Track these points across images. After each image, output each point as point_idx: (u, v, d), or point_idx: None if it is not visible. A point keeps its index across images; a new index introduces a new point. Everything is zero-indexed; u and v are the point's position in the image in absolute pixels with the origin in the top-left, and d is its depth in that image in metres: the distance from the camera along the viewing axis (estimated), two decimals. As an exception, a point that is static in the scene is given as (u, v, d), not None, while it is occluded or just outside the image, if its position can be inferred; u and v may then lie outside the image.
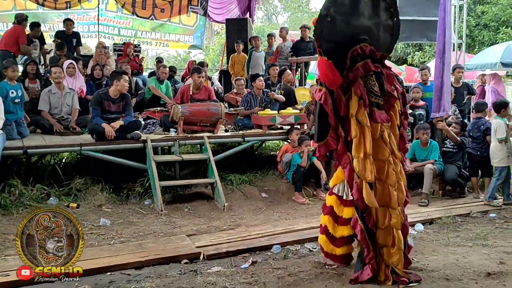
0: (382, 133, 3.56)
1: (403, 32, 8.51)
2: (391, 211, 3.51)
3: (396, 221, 3.50)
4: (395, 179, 3.53)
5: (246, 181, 6.69)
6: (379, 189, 3.52)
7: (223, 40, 13.74)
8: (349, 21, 3.51)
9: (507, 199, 6.08)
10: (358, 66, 3.48)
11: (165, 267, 4.02)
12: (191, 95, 7.20)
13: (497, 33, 17.57)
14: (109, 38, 12.72)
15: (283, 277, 3.72)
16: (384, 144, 3.55)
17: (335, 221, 3.84)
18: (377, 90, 3.55)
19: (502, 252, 4.21)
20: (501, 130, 5.93)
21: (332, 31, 3.45)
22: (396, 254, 3.50)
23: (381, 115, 3.53)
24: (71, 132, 6.79)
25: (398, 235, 3.52)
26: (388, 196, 3.51)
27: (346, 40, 3.51)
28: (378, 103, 3.54)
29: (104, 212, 5.63)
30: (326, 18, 3.42)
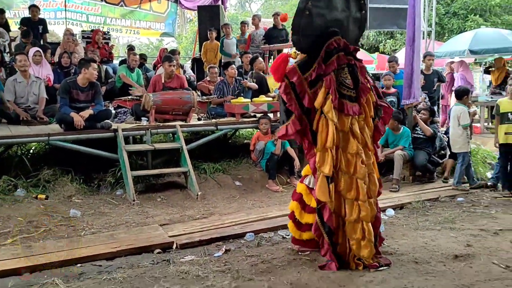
0: (352, 126, 3.58)
1: (374, 20, 8.65)
2: (361, 204, 3.53)
3: (366, 214, 3.53)
4: (364, 172, 3.56)
5: (219, 170, 6.67)
6: (347, 182, 3.55)
7: (196, 27, 13.56)
8: (324, 14, 3.54)
9: (473, 182, 6.26)
10: (333, 59, 3.51)
11: (138, 257, 3.99)
12: (163, 83, 7.10)
13: (466, 21, 17.90)
14: (77, 25, 12.40)
15: (256, 264, 3.74)
16: (354, 137, 3.58)
17: (303, 209, 3.90)
18: (350, 82, 3.59)
19: (469, 235, 4.33)
20: (465, 116, 6.13)
21: (310, 25, 3.49)
22: (366, 247, 3.54)
23: (352, 108, 3.56)
24: (38, 121, 6.60)
25: (368, 227, 3.55)
26: (356, 190, 3.54)
27: (321, 34, 3.54)
28: (350, 95, 3.58)
29: (74, 203, 5.52)
30: (304, 12, 3.45)
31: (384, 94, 7.53)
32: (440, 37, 17.31)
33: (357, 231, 3.53)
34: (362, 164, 3.56)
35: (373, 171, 3.69)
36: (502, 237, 4.23)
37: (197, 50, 12.15)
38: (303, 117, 3.60)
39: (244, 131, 8.43)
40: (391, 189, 6.16)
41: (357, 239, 3.54)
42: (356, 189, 3.55)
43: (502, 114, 6.00)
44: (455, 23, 18.15)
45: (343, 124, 3.56)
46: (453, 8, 18.50)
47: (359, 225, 3.54)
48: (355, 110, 3.58)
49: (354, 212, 3.53)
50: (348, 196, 3.55)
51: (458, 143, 6.23)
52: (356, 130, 3.59)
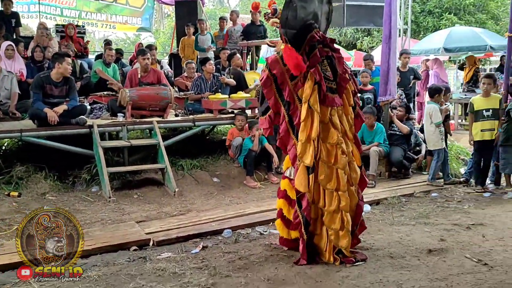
0: (331, 116, 3.61)
1: (351, 17, 8.70)
2: (340, 194, 3.56)
3: (345, 204, 3.56)
4: (344, 162, 3.59)
5: (197, 166, 6.63)
6: (327, 172, 3.57)
7: (174, 23, 13.43)
8: (306, 7, 3.58)
9: (447, 178, 6.38)
10: (316, 52, 3.54)
11: (113, 255, 3.93)
12: (139, 78, 7.01)
13: (441, 19, 18.19)
14: (51, 19, 12.13)
15: (233, 261, 3.73)
16: (334, 127, 3.61)
17: (289, 204, 3.87)
18: (330, 74, 3.62)
19: (442, 229, 4.41)
20: (437, 114, 6.22)
21: (294, 18, 3.52)
22: (345, 237, 3.57)
23: (334, 99, 3.59)
24: (11, 117, 6.47)
25: (347, 218, 3.58)
26: (337, 180, 3.56)
27: (303, 26, 3.57)
28: (331, 87, 3.60)
29: (48, 200, 5.42)
30: (292, 4, 3.49)
31: (361, 91, 7.63)
32: (415, 35, 17.56)
33: (335, 221, 3.55)
34: (342, 154, 3.59)
35: (353, 159, 3.72)
36: (474, 232, 4.33)
37: (174, 45, 12.04)
38: (282, 110, 3.61)
39: (222, 127, 8.41)
40: (367, 185, 6.22)
41: (335, 229, 3.56)
42: (336, 179, 3.56)
43: (476, 112, 6.11)
44: (430, 21, 18.43)
45: (323, 115, 3.58)
46: (428, 7, 18.78)
47: (338, 215, 3.55)
48: (337, 101, 3.62)
49: (333, 202, 3.54)
50: (328, 186, 3.56)
51: (432, 141, 6.34)
52: (336, 120, 3.62)
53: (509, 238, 4.14)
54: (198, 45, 10.05)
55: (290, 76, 3.57)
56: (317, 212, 3.66)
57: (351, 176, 3.68)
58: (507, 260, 3.60)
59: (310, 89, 3.50)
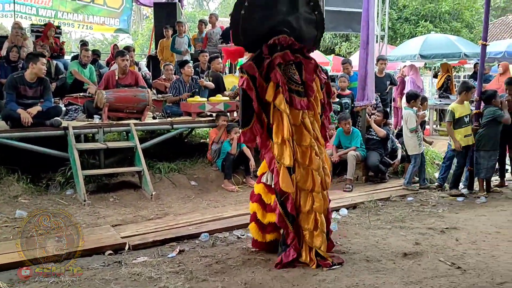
0: (303, 119, 3.68)
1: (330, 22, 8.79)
2: (314, 195, 3.63)
3: (319, 205, 3.63)
4: (318, 163, 3.66)
5: (174, 169, 6.58)
6: (303, 174, 3.62)
7: (152, 24, 13.32)
8: (267, 16, 3.65)
9: (423, 183, 6.47)
10: (276, 55, 3.61)
11: (88, 259, 3.86)
12: (116, 80, 6.91)
13: (417, 26, 18.55)
14: (27, 18, 11.90)
15: (210, 265, 3.71)
16: (306, 130, 3.67)
17: (264, 209, 3.89)
18: (297, 78, 3.69)
19: (417, 233, 4.47)
20: (412, 120, 6.29)
21: (249, 27, 3.61)
22: (319, 237, 3.62)
23: (300, 102, 3.65)
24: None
25: (321, 218, 3.65)
26: (312, 181, 3.62)
27: (264, 34, 3.65)
28: (298, 90, 3.67)
29: (20, 203, 5.29)
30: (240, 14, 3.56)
31: (339, 95, 7.72)
32: (392, 41, 17.85)
33: (309, 222, 3.62)
34: (316, 156, 3.66)
35: (325, 163, 3.80)
36: (448, 235, 4.40)
37: (153, 47, 11.95)
38: (262, 112, 3.65)
39: (200, 131, 8.37)
40: (344, 189, 6.29)
41: (309, 229, 3.62)
42: (312, 180, 3.63)
43: (458, 119, 6.15)
44: (407, 28, 18.77)
45: (295, 117, 3.65)
46: (405, 14, 19.13)
47: (312, 215, 3.62)
48: (303, 104, 3.68)
49: (308, 203, 3.62)
50: (304, 187, 3.62)
51: (409, 146, 6.42)
52: (308, 123, 3.70)
53: (482, 241, 4.23)
54: (174, 47, 10.00)
55: (264, 78, 3.63)
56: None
57: (325, 180, 3.75)
58: (480, 263, 3.67)
59: (273, 90, 3.59)
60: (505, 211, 5.30)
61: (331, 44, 20.99)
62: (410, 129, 6.29)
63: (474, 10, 20.05)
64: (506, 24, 24.03)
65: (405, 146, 6.62)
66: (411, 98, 6.47)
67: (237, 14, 3.57)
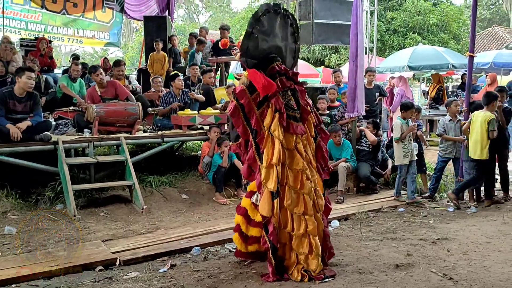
0: (297, 144, 3.74)
1: (319, 35, 8.86)
2: (307, 219, 3.65)
3: (313, 228, 3.64)
4: (309, 187, 3.70)
5: (165, 183, 6.55)
6: (294, 197, 3.66)
7: (142, 38, 13.34)
8: (268, 40, 3.79)
9: (411, 196, 6.31)
10: (277, 81, 3.68)
11: (78, 276, 3.82)
12: (100, 95, 6.88)
13: (405, 38, 18.78)
14: (16, 33, 11.84)
15: (202, 279, 3.69)
16: (299, 154, 3.72)
17: (248, 223, 3.94)
18: (294, 104, 3.79)
19: (409, 244, 4.48)
20: (397, 130, 6.32)
21: (256, 48, 3.73)
22: (314, 260, 3.63)
23: (298, 127, 3.73)
24: (-29, 133, 6.20)
25: (316, 241, 3.66)
26: (304, 204, 3.65)
27: (264, 57, 3.78)
28: (295, 116, 3.75)
29: (9, 219, 5.23)
30: (253, 35, 3.68)
31: (329, 107, 7.76)
32: (381, 53, 18.04)
33: (304, 245, 3.63)
34: (307, 179, 3.69)
35: (317, 185, 3.82)
36: (440, 246, 4.42)
37: (143, 60, 11.94)
38: (250, 138, 3.74)
39: (191, 143, 8.35)
40: (336, 200, 6.29)
41: (305, 253, 3.62)
42: (303, 204, 3.65)
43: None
44: (395, 40, 18.99)
45: (288, 142, 3.71)
46: (393, 26, 19.36)
47: (306, 239, 3.63)
48: (301, 129, 3.76)
49: (301, 227, 3.62)
50: (295, 211, 3.64)
51: (395, 155, 6.43)
52: (301, 148, 3.75)
53: (473, 252, 4.25)
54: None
55: (257, 105, 3.72)
56: (286, 237, 3.71)
57: (318, 202, 3.78)
58: (471, 274, 3.68)
59: (271, 117, 3.67)
60: (495, 221, 5.33)
61: (320, 56, 21.15)
62: (395, 139, 6.33)
63: (461, 22, 20.37)
64: (492, 35, 24.45)
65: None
66: (402, 108, 6.48)
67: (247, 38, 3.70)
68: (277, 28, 3.82)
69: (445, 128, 6.52)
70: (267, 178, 3.61)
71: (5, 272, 3.76)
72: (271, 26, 3.78)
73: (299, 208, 3.65)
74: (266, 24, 3.76)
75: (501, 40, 23.48)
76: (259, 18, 3.71)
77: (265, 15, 3.73)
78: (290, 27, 3.93)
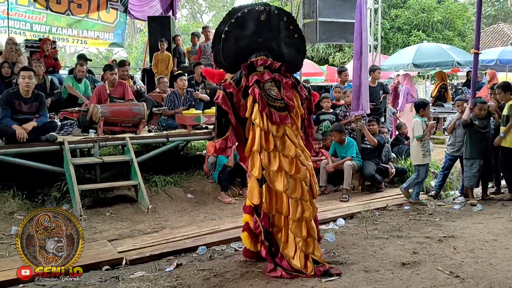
0: (285, 131, 3.86)
1: (323, 33, 8.86)
2: (304, 204, 3.76)
3: (309, 212, 3.77)
4: (304, 173, 3.80)
5: (171, 182, 6.56)
6: (291, 183, 3.75)
7: (146, 38, 13.37)
8: (246, 39, 3.93)
9: (415, 197, 6.23)
10: (254, 74, 3.85)
11: (85, 275, 3.82)
12: (108, 94, 6.94)
13: (410, 35, 18.73)
14: (21, 34, 11.90)
15: (208, 278, 3.69)
16: (291, 141, 3.84)
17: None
18: (276, 94, 3.89)
19: (415, 242, 4.47)
20: (418, 128, 6.16)
21: (229, 47, 3.91)
22: (311, 243, 3.76)
23: (279, 116, 3.83)
24: (-22, 135, 6.24)
25: (312, 225, 3.80)
26: (300, 189, 3.76)
27: (244, 54, 3.93)
28: (277, 105, 3.86)
29: (16, 220, 5.26)
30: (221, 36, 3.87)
31: (334, 106, 7.76)
32: (385, 50, 18.00)
33: (302, 230, 3.73)
34: (302, 165, 3.81)
35: (311, 173, 3.90)
36: (446, 244, 4.40)
37: (147, 60, 11.98)
38: (239, 126, 3.88)
39: (196, 143, 8.37)
40: (341, 199, 6.28)
41: (303, 237, 3.72)
42: (300, 189, 3.76)
43: None
44: (399, 37, 18.94)
45: (277, 130, 3.83)
46: (397, 24, 19.32)
47: (303, 223, 3.74)
48: (282, 118, 3.84)
49: (298, 211, 3.73)
50: (292, 195, 3.74)
51: (412, 155, 6.30)
52: (291, 135, 3.87)
53: (479, 249, 4.23)
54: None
55: (242, 96, 3.85)
56: (281, 222, 3.80)
57: (314, 188, 3.89)
58: (478, 271, 3.67)
59: (250, 106, 3.81)
60: (501, 218, 5.31)
61: (324, 54, 21.13)
62: (417, 137, 6.13)
63: (466, 18, 20.29)
64: (497, 32, 24.32)
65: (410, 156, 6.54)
66: (419, 107, 6.32)
67: (218, 40, 3.88)
68: (260, 25, 3.91)
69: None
70: (252, 166, 3.76)
71: (12, 272, 3.77)
72: (249, 26, 3.90)
73: (296, 194, 3.74)
74: (244, 25, 3.89)
75: (506, 37, 23.36)
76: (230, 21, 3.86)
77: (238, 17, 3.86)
78: (281, 21, 3.97)
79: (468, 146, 6.16)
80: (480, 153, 6.13)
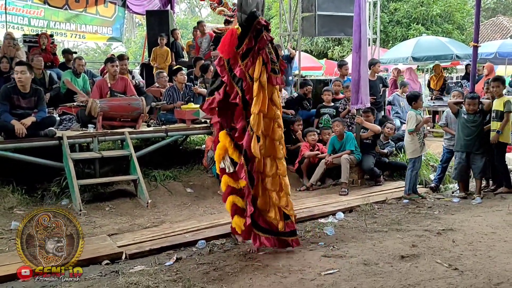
0: (272, 94, 4.02)
1: (322, 27, 8.84)
2: (278, 161, 4.06)
3: (282, 169, 4.07)
4: (280, 134, 4.08)
5: (170, 177, 6.57)
6: (267, 143, 4.01)
7: (145, 32, 13.34)
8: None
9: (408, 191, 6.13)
10: (263, 35, 3.92)
11: (84, 270, 3.83)
12: (109, 87, 6.93)
13: (409, 29, 18.68)
14: (19, 29, 11.86)
15: (208, 272, 3.70)
16: (274, 104, 4.03)
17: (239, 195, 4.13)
18: (274, 57, 4.03)
19: (414, 235, 4.48)
20: (411, 121, 6.11)
21: (246, 3, 3.95)
22: (284, 197, 4.09)
23: (277, 79, 4.02)
24: (-24, 130, 6.24)
25: (285, 181, 4.11)
26: (275, 149, 4.04)
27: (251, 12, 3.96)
28: (274, 68, 4.00)
29: (15, 215, 5.27)
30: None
31: (334, 99, 7.75)
32: (384, 44, 17.96)
33: (275, 184, 4.04)
34: (278, 127, 4.07)
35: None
36: (445, 237, 4.41)
37: (146, 55, 11.95)
38: (234, 85, 3.97)
39: (195, 137, 8.36)
40: (340, 192, 6.29)
41: (276, 190, 4.03)
42: (275, 149, 4.04)
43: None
44: (398, 31, 18.89)
45: (268, 92, 3.97)
46: (396, 17, 19.26)
47: (276, 178, 4.05)
48: (279, 81, 4.04)
49: (273, 168, 4.03)
50: (268, 154, 4.01)
51: (408, 149, 6.25)
52: (276, 98, 4.05)
53: (478, 242, 4.24)
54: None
55: (241, 57, 3.92)
56: (258, 178, 4.04)
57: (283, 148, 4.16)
58: (477, 264, 3.68)
59: (260, 68, 3.90)
60: (500, 211, 5.32)
61: (323, 48, 21.08)
62: (409, 131, 6.11)
63: (465, 12, 20.23)
64: (496, 25, 24.28)
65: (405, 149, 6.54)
66: (411, 100, 6.28)
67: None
68: None
69: (448, 120, 6.49)
70: (256, 124, 3.87)
71: (12, 267, 3.78)
72: None
73: (272, 152, 4.01)
74: None
75: (506, 29, 23.32)
76: None
77: None
78: None
79: (456, 139, 6.17)
80: (463, 146, 6.05)
